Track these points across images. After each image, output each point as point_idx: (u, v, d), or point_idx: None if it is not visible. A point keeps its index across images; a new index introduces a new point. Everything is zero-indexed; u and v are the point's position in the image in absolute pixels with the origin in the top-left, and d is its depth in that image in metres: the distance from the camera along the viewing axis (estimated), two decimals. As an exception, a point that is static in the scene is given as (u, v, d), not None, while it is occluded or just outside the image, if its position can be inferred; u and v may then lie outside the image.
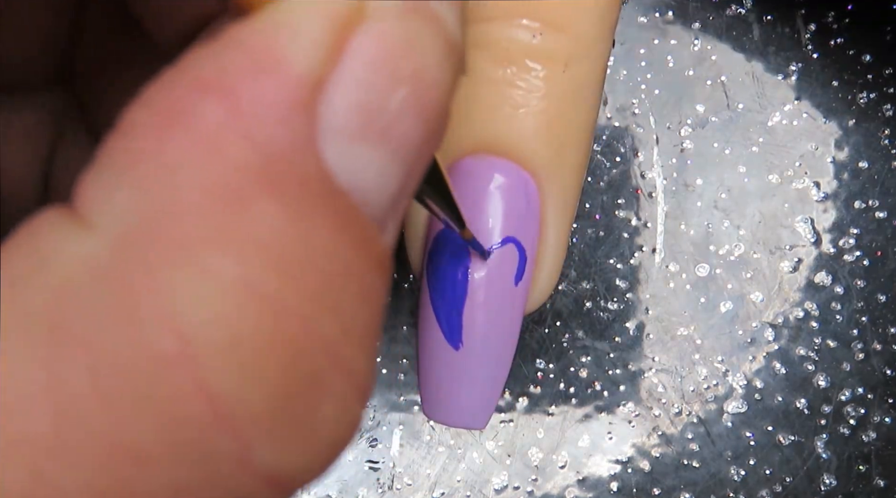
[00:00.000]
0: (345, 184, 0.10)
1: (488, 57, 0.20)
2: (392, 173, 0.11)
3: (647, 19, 0.31)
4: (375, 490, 0.30)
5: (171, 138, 0.10)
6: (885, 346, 0.31)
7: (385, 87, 0.10)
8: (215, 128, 0.10)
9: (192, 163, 0.09)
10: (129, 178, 0.10)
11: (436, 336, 0.21)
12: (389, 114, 0.10)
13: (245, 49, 0.10)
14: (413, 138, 0.11)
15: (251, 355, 0.09)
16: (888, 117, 0.31)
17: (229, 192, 0.09)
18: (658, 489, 0.30)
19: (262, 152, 0.10)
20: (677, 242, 0.31)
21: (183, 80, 0.10)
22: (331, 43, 0.10)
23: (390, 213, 0.11)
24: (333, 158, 0.10)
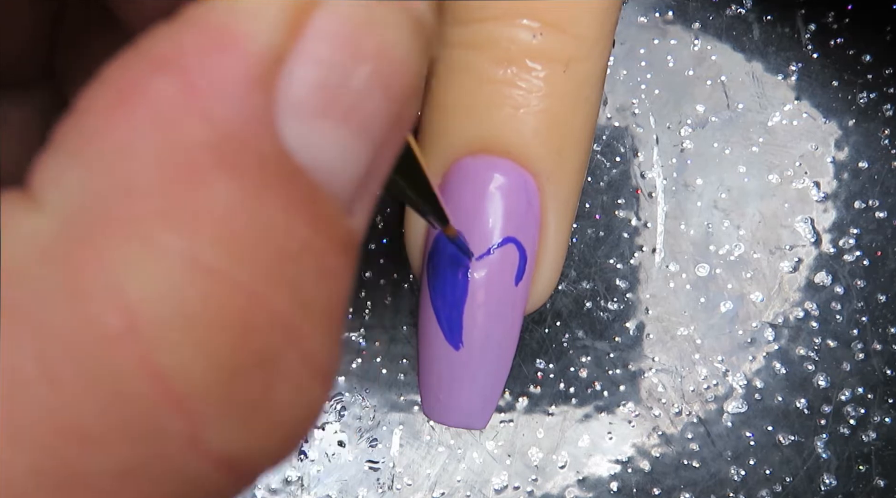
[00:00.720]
0: (306, 163, 0.10)
1: (489, 57, 0.20)
2: (357, 153, 0.11)
3: (647, 19, 0.31)
4: (375, 490, 0.30)
5: (123, 116, 0.09)
6: (885, 346, 0.31)
7: (347, 64, 0.10)
8: (169, 105, 0.09)
9: (144, 140, 0.09)
10: (81, 156, 0.09)
11: (436, 336, 0.21)
12: (352, 92, 0.10)
13: (201, 27, 0.10)
14: (378, 117, 0.11)
15: (198, 331, 0.09)
16: (888, 117, 0.31)
17: (181, 170, 0.09)
18: (658, 489, 0.30)
19: (216, 129, 0.09)
20: (677, 242, 0.31)
21: (139, 59, 0.10)
22: (290, 20, 0.10)
23: (357, 195, 0.11)
24: (293, 137, 0.10)
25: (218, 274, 0.09)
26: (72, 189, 0.09)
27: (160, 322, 0.09)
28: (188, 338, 0.09)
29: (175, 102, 0.09)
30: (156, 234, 0.09)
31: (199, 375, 0.09)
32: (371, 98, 0.10)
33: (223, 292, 0.09)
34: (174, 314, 0.09)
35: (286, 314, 0.10)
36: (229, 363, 0.09)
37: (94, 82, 0.10)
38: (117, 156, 0.09)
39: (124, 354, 0.09)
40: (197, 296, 0.09)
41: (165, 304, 0.09)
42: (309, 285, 0.10)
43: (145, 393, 0.09)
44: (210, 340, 0.09)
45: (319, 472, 0.30)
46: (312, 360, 0.10)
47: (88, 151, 0.09)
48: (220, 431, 0.10)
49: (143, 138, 0.09)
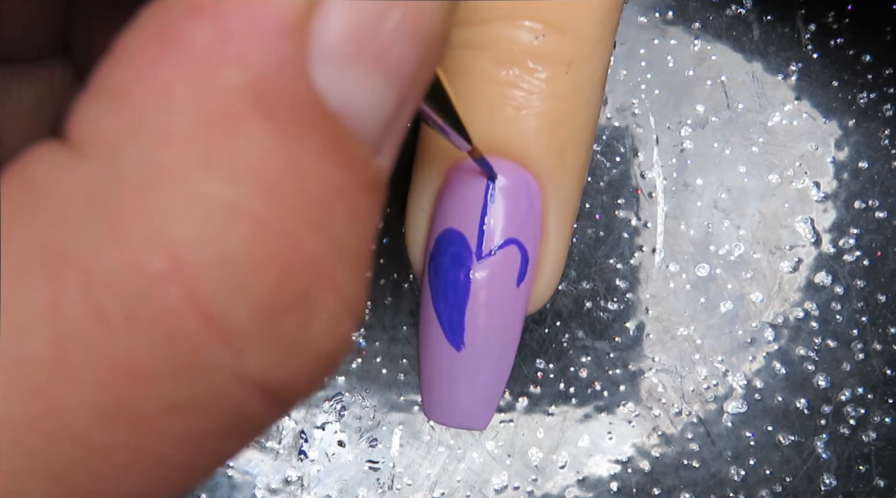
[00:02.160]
0: (337, 107, 0.10)
1: (491, 58, 0.20)
2: (386, 97, 0.11)
3: (647, 19, 0.31)
4: (375, 490, 0.30)
5: (161, 62, 0.10)
6: (885, 346, 0.31)
7: (377, 10, 0.10)
8: (206, 51, 0.10)
9: (182, 86, 0.10)
10: (121, 102, 0.10)
11: (437, 337, 0.21)
12: (383, 37, 0.10)
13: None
14: (408, 62, 0.11)
15: (240, 272, 0.10)
16: (888, 117, 0.31)
17: (219, 116, 0.10)
18: (658, 489, 0.30)
19: (252, 75, 0.10)
20: (677, 242, 0.31)
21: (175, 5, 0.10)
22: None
23: (385, 136, 0.11)
24: (325, 82, 0.10)
25: (257, 218, 0.10)
26: (113, 135, 0.10)
27: (204, 264, 0.09)
28: (231, 278, 0.10)
29: (212, 48, 0.10)
30: (197, 180, 0.09)
31: (242, 312, 0.10)
32: (400, 43, 0.11)
33: (262, 235, 0.10)
34: (217, 257, 0.09)
35: (321, 256, 0.10)
36: (269, 302, 0.10)
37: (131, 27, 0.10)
38: (157, 101, 0.10)
39: (170, 294, 0.09)
40: (237, 239, 0.10)
41: (208, 247, 0.09)
42: (341, 227, 0.11)
43: (192, 329, 0.09)
44: (251, 281, 0.10)
45: (319, 472, 0.30)
46: (344, 298, 0.11)
47: (128, 97, 0.10)
48: (262, 363, 0.10)
49: (181, 84, 0.10)
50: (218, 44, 0.10)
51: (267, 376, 0.10)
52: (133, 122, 0.10)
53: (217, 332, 0.10)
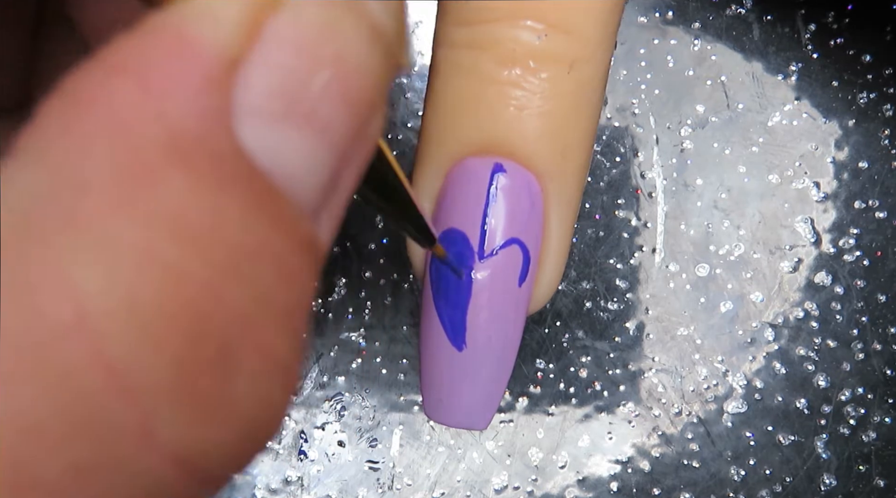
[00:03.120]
0: (266, 165, 0.10)
1: (493, 58, 0.19)
2: (319, 159, 0.11)
3: (647, 19, 0.31)
4: (375, 490, 0.30)
5: (81, 119, 0.09)
6: (885, 346, 0.31)
7: (305, 69, 0.10)
8: (125, 107, 0.09)
9: (100, 141, 0.09)
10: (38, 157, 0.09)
11: (439, 337, 0.21)
12: (311, 97, 0.10)
13: (159, 34, 0.10)
14: (339, 123, 0.11)
15: (150, 323, 0.09)
16: (888, 117, 0.31)
17: (136, 167, 0.09)
18: (658, 489, 0.30)
19: (172, 129, 0.09)
20: (677, 242, 0.31)
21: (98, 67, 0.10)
22: (247, 25, 0.10)
23: (323, 201, 0.11)
24: (252, 139, 0.10)
25: (173, 265, 0.09)
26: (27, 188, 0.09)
27: (111, 314, 0.09)
28: (140, 330, 0.09)
29: (130, 104, 0.09)
30: (107, 227, 0.09)
31: (152, 367, 0.09)
32: (330, 104, 0.10)
33: (176, 284, 0.09)
34: (125, 306, 0.09)
35: (245, 311, 0.10)
36: (182, 356, 0.09)
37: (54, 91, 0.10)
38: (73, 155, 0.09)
39: (75, 347, 0.09)
40: (149, 287, 0.09)
41: (116, 295, 0.09)
42: (268, 283, 0.10)
43: (97, 386, 0.09)
44: (162, 332, 0.09)
45: (319, 472, 0.30)
46: (272, 356, 0.10)
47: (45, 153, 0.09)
48: (174, 426, 0.09)
49: (99, 139, 0.09)
50: (136, 100, 0.09)
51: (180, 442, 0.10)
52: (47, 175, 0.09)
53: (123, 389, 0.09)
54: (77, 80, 0.10)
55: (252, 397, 0.10)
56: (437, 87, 0.20)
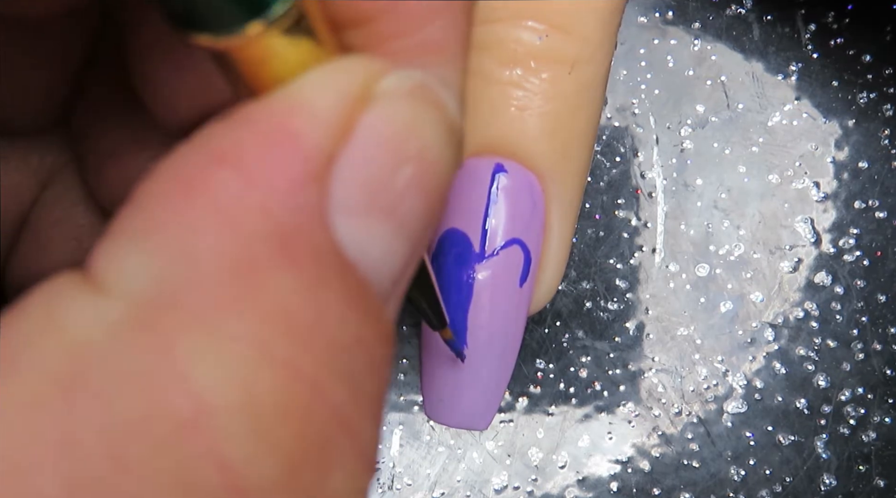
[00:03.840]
0: (353, 257, 0.10)
1: (494, 58, 0.20)
2: (397, 249, 0.11)
3: (647, 19, 0.31)
4: (375, 490, 0.30)
5: (186, 208, 0.10)
6: (885, 346, 0.31)
7: (392, 164, 0.10)
8: (231, 199, 0.10)
9: (207, 232, 0.10)
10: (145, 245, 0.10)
11: (440, 337, 0.21)
12: (395, 191, 0.11)
13: (259, 124, 0.10)
14: (417, 215, 0.11)
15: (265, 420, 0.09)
16: (888, 117, 0.31)
17: (245, 262, 0.10)
18: (658, 489, 0.30)
19: (276, 223, 0.10)
20: (677, 242, 0.31)
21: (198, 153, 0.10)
22: (341, 120, 0.10)
23: (394, 289, 0.11)
24: (342, 232, 0.10)
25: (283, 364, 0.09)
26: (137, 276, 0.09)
27: (229, 411, 0.09)
28: (255, 428, 0.09)
29: (236, 195, 0.10)
30: (223, 324, 0.09)
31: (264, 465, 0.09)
32: (411, 196, 0.11)
33: (288, 382, 0.10)
34: (242, 403, 0.09)
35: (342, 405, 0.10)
36: (292, 454, 0.10)
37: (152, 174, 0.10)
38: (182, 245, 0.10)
39: (193, 442, 0.09)
40: (265, 385, 0.09)
41: (234, 392, 0.09)
42: (360, 376, 0.10)
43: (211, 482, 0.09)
44: (276, 431, 0.09)
45: (319, 472, 0.30)
46: (363, 448, 0.11)
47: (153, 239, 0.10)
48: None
49: (206, 229, 0.10)
50: (241, 192, 0.10)
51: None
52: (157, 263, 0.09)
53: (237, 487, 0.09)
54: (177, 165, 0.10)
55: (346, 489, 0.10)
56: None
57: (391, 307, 0.12)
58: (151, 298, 0.09)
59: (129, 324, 0.09)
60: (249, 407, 0.09)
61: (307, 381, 0.10)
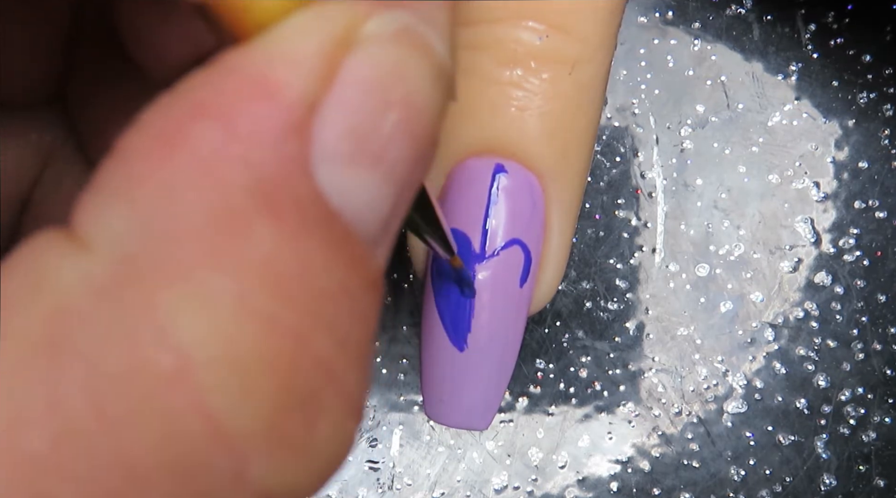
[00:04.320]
0: (339, 206, 0.10)
1: (494, 58, 0.20)
2: (384, 196, 0.11)
3: (647, 19, 0.31)
4: (375, 490, 0.30)
5: (168, 161, 0.10)
6: (885, 346, 0.31)
7: (376, 110, 0.10)
8: (212, 151, 0.10)
9: (189, 185, 0.10)
10: (127, 200, 0.10)
11: (440, 337, 0.21)
12: (381, 137, 0.10)
13: (240, 75, 0.10)
14: (404, 162, 0.11)
15: (248, 372, 0.09)
16: (888, 117, 0.31)
17: (226, 215, 0.10)
18: (658, 489, 0.30)
19: (258, 175, 0.10)
20: (677, 242, 0.31)
21: (179, 104, 0.10)
22: (324, 67, 0.10)
23: (382, 234, 0.11)
24: (326, 181, 0.10)
25: (266, 316, 0.10)
26: (120, 231, 0.10)
27: (212, 363, 0.09)
28: (239, 378, 0.09)
29: (217, 148, 0.10)
30: (206, 278, 0.09)
31: (249, 414, 0.09)
32: (397, 144, 0.11)
33: (273, 335, 0.10)
34: (226, 355, 0.09)
35: (327, 355, 0.10)
36: (276, 403, 0.10)
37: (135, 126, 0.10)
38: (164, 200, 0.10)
39: (176, 395, 0.09)
40: (248, 338, 0.09)
41: (217, 345, 0.09)
42: (345, 325, 0.10)
43: (196, 432, 0.09)
44: (259, 382, 0.10)
45: (319, 472, 0.30)
46: (348, 397, 0.11)
47: (134, 194, 0.10)
48: (265, 468, 0.10)
49: (188, 183, 0.10)
50: (223, 144, 0.10)
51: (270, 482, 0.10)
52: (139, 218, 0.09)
53: (221, 436, 0.09)
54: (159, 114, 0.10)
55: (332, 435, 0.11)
56: (439, 88, 0.20)
57: (380, 253, 0.11)
58: (133, 254, 0.09)
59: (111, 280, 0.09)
60: (232, 359, 0.09)
61: (291, 332, 0.10)
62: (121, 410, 0.09)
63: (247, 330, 0.09)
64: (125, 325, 0.09)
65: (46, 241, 0.10)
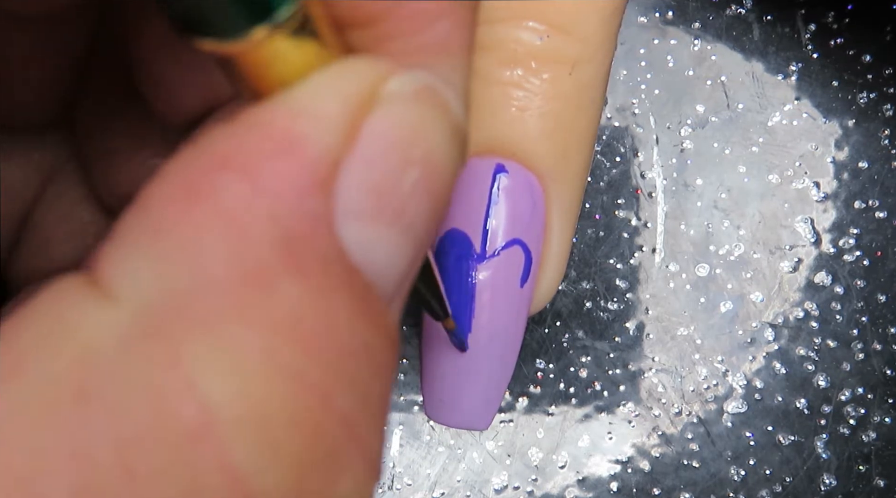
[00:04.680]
0: (360, 262, 0.10)
1: (495, 59, 0.20)
2: (403, 252, 0.11)
3: (647, 19, 0.31)
4: (375, 490, 0.30)
5: (193, 213, 0.10)
6: (885, 346, 0.31)
7: (398, 168, 0.10)
8: (238, 205, 0.10)
9: (215, 238, 0.09)
10: (152, 250, 0.10)
11: (440, 338, 0.21)
12: (402, 195, 0.10)
13: (264, 129, 0.10)
14: (423, 218, 0.11)
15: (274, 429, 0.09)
16: (888, 117, 0.31)
17: (252, 269, 0.09)
18: (658, 489, 0.30)
19: (283, 230, 0.10)
20: (677, 242, 0.31)
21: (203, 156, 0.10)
22: (347, 125, 0.10)
23: (398, 290, 0.11)
24: (348, 237, 0.10)
25: (293, 373, 0.09)
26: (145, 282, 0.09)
27: (237, 420, 0.09)
28: (264, 436, 0.09)
29: (243, 202, 0.10)
30: (231, 333, 0.09)
31: (273, 473, 0.09)
32: (417, 201, 0.11)
33: (298, 391, 0.09)
34: (251, 413, 0.09)
35: (350, 412, 0.10)
36: (300, 462, 0.10)
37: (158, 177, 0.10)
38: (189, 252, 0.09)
39: (201, 451, 0.09)
40: (273, 394, 0.09)
41: (243, 401, 0.09)
42: (367, 382, 0.10)
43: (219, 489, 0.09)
44: (285, 440, 0.09)
45: (319, 472, 0.30)
46: (369, 453, 0.11)
47: (160, 246, 0.10)
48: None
49: (214, 236, 0.09)
50: (248, 198, 0.10)
51: None
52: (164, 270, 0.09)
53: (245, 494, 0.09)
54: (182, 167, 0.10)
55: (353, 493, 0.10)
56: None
57: (395, 309, 0.11)
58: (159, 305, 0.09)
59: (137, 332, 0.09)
60: (257, 416, 0.09)
61: (315, 389, 0.10)
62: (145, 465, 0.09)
63: (273, 386, 0.09)
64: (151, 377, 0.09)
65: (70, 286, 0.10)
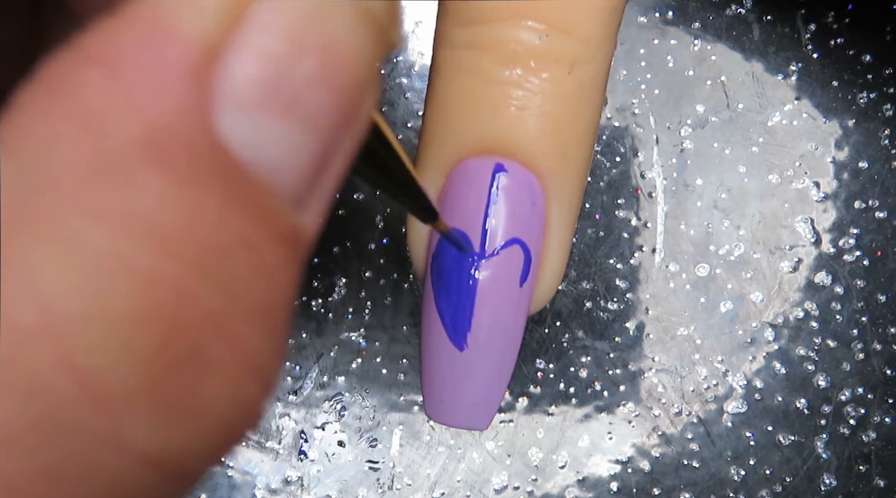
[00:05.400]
0: (246, 156, 0.10)
1: (494, 58, 0.19)
2: (304, 148, 0.10)
3: (647, 19, 0.31)
4: (375, 490, 0.30)
5: (51, 110, 0.09)
6: (885, 346, 0.31)
7: (289, 57, 0.10)
8: (98, 100, 0.09)
9: (71, 136, 0.09)
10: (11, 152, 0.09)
11: (440, 337, 0.21)
12: (295, 85, 0.10)
13: (136, 21, 0.09)
14: (325, 111, 0.10)
15: (121, 329, 0.09)
16: (888, 117, 0.31)
17: (108, 165, 0.09)
18: (658, 489, 0.30)
19: (147, 123, 0.09)
20: (677, 242, 0.31)
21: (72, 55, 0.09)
22: (228, 11, 0.10)
23: (308, 189, 0.11)
24: (232, 130, 0.10)
25: (145, 271, 0.09)
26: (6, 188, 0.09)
27: (78, 318, 0.09)
28: (110, 336, 0.09)
29: (104, 96, 0.09)
30: (77, 230, 0.09)
31: (122, 373, 0.09)
32: (315, 92, 0.10)
33: (149, 289, 0.09)
34: (94, 312, 0.09)
35: (216, 310, 0.10)
36: (154, 361, 0.09)
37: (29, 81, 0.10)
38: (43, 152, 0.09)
39: (42, 353, 0.09)
40: (120, 293, 0.09)
41: (84, 300, 0.09)
42: (242, 280, 0.10)
43: (63, 389, 0.09)
44: (134, 339, 0.09)
45: (319, 472, 0.30)
46: (246, 357, 0.10)
47: (17, 147, 0.09)
48: (145, 429, 0.09)
49: (70, 133, 0.09)
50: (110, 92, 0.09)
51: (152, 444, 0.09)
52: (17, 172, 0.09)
53: (91, 394, 0.09)
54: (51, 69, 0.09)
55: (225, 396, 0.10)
56: (438, 88, 0.20)
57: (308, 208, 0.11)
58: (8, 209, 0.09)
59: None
60: (102, 316, 0.09)
61: (171, 287, 0.09)
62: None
63: (120, 284, 0.09)
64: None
65: None
